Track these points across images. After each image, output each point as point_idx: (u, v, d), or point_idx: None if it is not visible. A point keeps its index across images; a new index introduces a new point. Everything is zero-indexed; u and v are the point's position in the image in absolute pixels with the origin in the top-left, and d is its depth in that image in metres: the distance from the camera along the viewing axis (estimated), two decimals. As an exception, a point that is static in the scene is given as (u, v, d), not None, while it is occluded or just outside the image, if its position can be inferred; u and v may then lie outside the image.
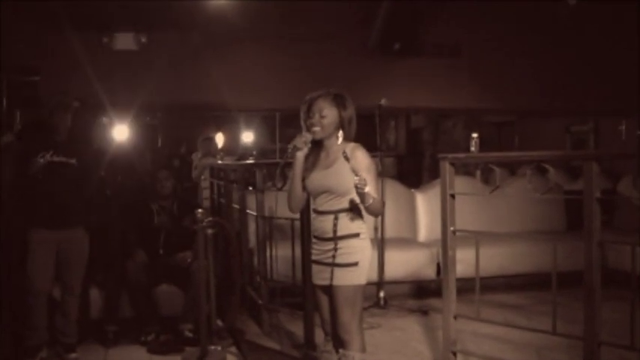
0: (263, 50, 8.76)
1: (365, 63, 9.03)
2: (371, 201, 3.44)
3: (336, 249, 3.63)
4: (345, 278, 3.60)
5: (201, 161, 9.74)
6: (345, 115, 3.65)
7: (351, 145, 3.64)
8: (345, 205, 3.58)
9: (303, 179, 3.75)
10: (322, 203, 3.68)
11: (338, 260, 3.62)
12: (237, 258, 5.55)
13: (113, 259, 5.81)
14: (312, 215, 3.78)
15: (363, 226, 3.66)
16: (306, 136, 3.67)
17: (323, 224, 3.67)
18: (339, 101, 3.66)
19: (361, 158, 3.58)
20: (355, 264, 3.60)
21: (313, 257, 3.77)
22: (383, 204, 3.62)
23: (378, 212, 3.61)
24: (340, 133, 3.68)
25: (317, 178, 3.68)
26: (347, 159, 3.58)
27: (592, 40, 9.55)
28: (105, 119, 8.36)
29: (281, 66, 8.83)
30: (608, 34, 9.56)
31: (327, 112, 3.65)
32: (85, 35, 7.92)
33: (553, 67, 9.55)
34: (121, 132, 9.70)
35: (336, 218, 3.62)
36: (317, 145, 3.73)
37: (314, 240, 3.75)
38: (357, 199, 3.52)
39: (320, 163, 3.71)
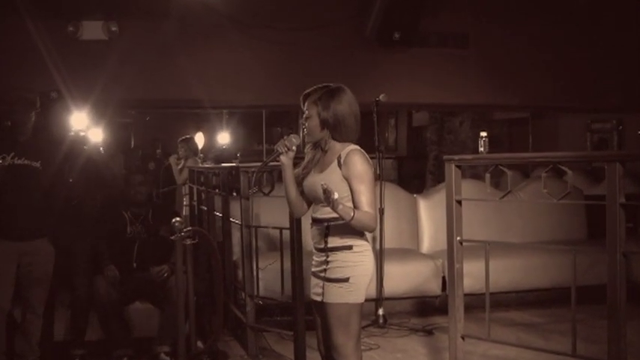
0: (248, 41, 8.74)
1: (361, 54, 9.01)
2: (352, 214, 3.40)
3: (327, 262, 3.62)
4: (336, 295, 3.58)
5: (188, 162, 9.73)
6: (326, 115, 3.60)
7: (349, 148, 3.61)
8: (338, 213, 3.54)
9: (301, 183, 3.75)
10: (317, 210, 3.68)
11: (328, 274, 3.61)
12: (220, 272, 5.52)
13: (81, 273, 5.77)
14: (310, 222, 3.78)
15: (360, 239, 3.63)
16: (291, 140, 3.65)
17: (316, 233, 3.68)
18: (322, 100, 3.62)
19: (352, 164, 3.54)
20: (345, 280, 3.56)
21: (312, 269, 3.77)
22: (374, 218, 3.53)
23: (366, 228, 3.55)
24: (328, 135, 3.66)
25: (310, 182, 3.68)
26: (340, 165, 3.56)
27: (614, 29, 9.56)
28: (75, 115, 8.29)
29: (268, 58, 8.81)
30: (632, 23, 9.58)
31: (311, 113, 3.65)
32: (48, 24, 7.88)
33: (571, 58, 9.55)
34: (95, 134, 9.65)
35: (327, 228, 3.61)
36: (318, 147, 3.73)
37: (313, 250, 3.76)
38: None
39: (317, 166, 3.71)
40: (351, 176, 3.53)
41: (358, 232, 3.61)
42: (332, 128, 3.62)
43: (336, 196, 3.32)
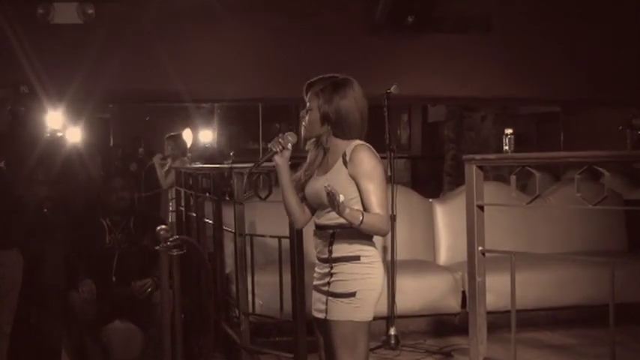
0: (241, 26, 8.75)
1: (370, 41, 9.02)
2: (360, 218, 3.39)
3: (331, 274, 3.62)
4: (340, 311, 3.58)
5: (175, 163, 9.72)
6: (327, 109, 3.61)
7: (354, 143, 3.62)
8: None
9: (302, 187, 3.76)
10: (321, 215, 3.68)
11: (332, 288, 3.61)
12: (211, 286, 5.53)
13: (53, 289, 5.77)
14: (313, 230, 3.79)
15: (369, 248, 3.63)
16: (286, 138, 3.66)
17: (320, 242, 3.68)
18: (325, 92, 3.63)
19: (359, 161, 3.55)
20: (352, 294, 3.56)
21: (314, 282, 3.78)
22: (386, 220, 3.54)
23: (377, 232, 3.56)
24: (329, 131, 3.66)
25: (313, 187, 3.68)
26: (345, 163, 3.57)
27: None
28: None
29: (265, 46, 8.82)
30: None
31: (312, 106, 3.66)
32: (14, 5, 7.89)
33: (608, 45, 9.54)
34: (73, 134, 9.66)
35: (332, 235, 3.61)
36: (320, 145, 3.74)
37: (316, 261, 3.77)
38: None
39: (320, 168, 3.72)
40: (358, 174, 3.53)
41: (367, 241, 3.61)
42: (333, 124, 3.63)
43: (341, 198, 3.33)
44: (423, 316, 7.03)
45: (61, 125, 6.36)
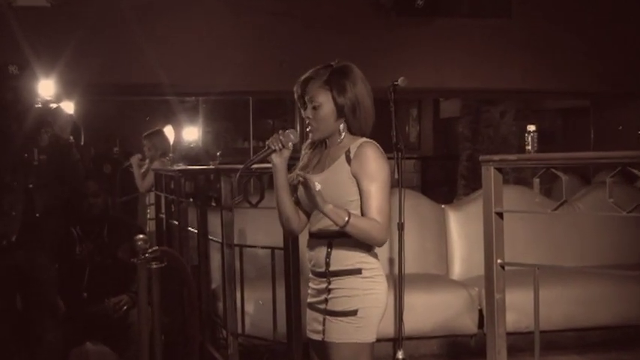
0: (229, 9, 8.76)
1: (375, 27, 9.04)
2: (345, 218, 3.38)
3: (329, 290, 3.61)
4: (340, 332, 3.56)
5: (154, 164, 9.68)
6: (342, 101, 3.60)
7: (360, 141, 3.60)
8: (345, 227, 3.53)
9: (295, 189, 3.73)
10: (316, 222, 3.66)
11: (330, 306, 3.59)
12: (195, 304, 5.52)
13: (49, 311, 5.74)
14: (307, 239, 3.77)
15: (371, 260, 3.62)
16: (288, 136, 3.63)
17: (315, 252, 3.66)
18: (333, 82, 3.62)
19: (365, 158, 3.53)
20: (353, 313, 3.55)
21: (308, 299, 3.76)
22: (382, 228, 3.51)
23: (370, 239, 3.54)
24: (342, 126, 3.64)
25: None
26: (349, 160, 3.55)
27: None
28: None
29: (257, 33, 8.83)
30: None
31: (322, 100, 3.62)
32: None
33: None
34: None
35: (330, 246, 3.60)
36: (320, 146, 3.73)
37: (310, 275, 3.75)
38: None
39: (318, 166, 3.70)
40: (360, 173, 3.52)
41: (368, 251, 3.60)
42: (350, 114, 3.61)
43: (318, 187, 3.32)
44: (434, 337, 7.03)
45: (55, 96, 6.29)
